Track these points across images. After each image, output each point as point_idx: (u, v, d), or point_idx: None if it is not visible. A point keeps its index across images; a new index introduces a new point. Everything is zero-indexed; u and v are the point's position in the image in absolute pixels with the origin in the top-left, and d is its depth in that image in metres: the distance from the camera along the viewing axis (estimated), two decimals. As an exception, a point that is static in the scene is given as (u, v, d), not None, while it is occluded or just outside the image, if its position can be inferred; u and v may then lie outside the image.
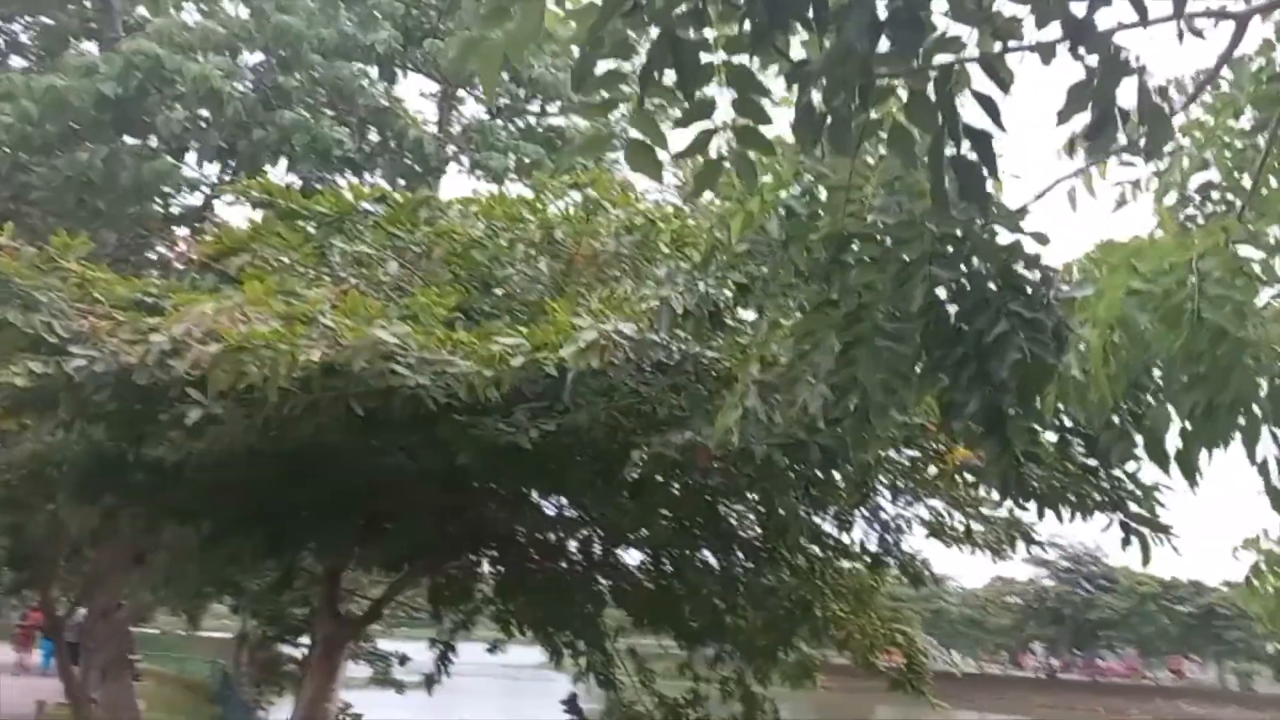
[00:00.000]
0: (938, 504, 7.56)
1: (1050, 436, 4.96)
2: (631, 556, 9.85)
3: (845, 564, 8.91)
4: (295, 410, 5.06)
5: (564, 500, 8.81)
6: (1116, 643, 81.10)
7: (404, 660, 24.11)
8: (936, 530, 7.71)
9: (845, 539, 8.38)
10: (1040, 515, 5.53)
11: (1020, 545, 7.73)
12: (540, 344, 4.91)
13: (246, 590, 19.51)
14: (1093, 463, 5.37)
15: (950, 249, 2.78)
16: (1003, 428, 2.73)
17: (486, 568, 9.62)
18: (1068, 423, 4.84)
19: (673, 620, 9.69)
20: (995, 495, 6.55)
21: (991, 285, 2.77)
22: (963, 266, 2.78)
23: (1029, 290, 2.75)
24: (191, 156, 13.12)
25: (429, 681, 9.90)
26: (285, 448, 6.55)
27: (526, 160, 13.23)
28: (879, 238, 2.88)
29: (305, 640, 34.77)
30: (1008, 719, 63.72)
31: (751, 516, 8.73)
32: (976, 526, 7.51)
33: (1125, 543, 5.39)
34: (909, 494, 7.48)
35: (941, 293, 2.77)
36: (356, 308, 4.71)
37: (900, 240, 2.82)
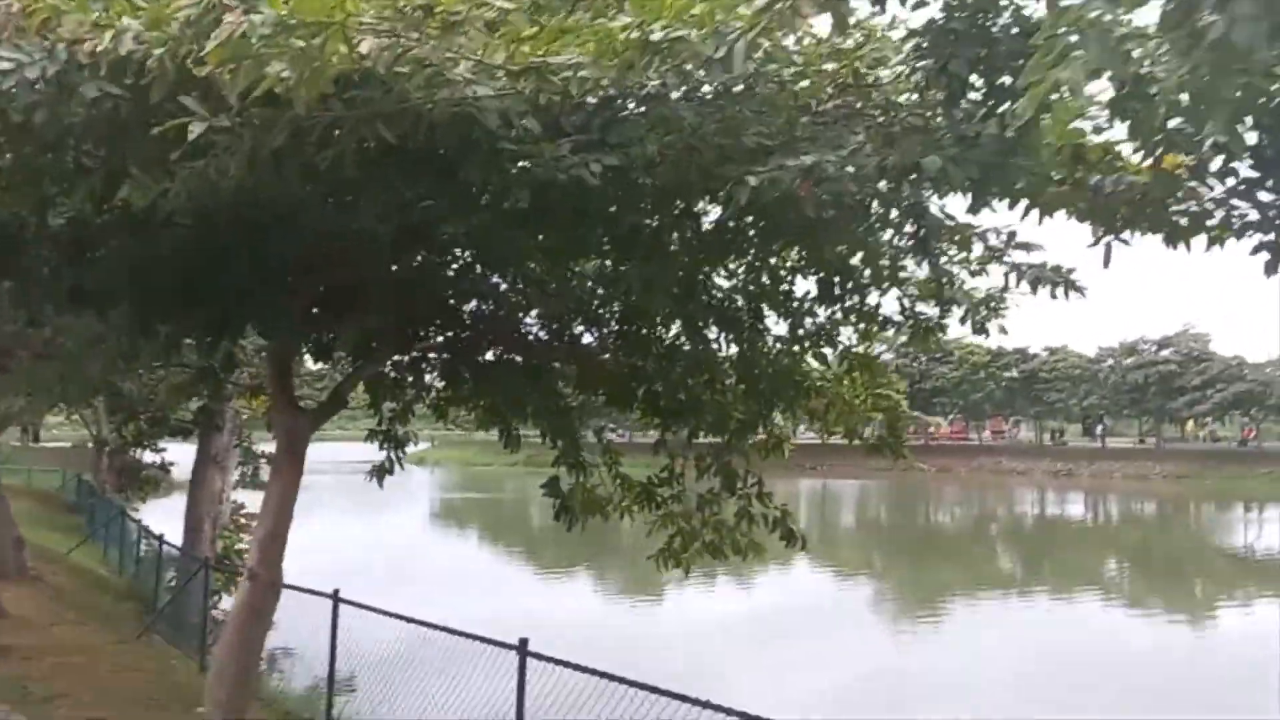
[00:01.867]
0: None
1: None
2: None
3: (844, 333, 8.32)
4: (313, 132, 3.87)
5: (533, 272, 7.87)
6: (947, 408, 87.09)
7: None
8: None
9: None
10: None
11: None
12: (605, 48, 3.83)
13: (125, 393, 17.97)
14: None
15: None
16: None
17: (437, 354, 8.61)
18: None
19: (646, 400, 9.02)
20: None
21: None
22: None
23: None
24: None
25: (380, 472, 9.01)
26: (265, 197, 5.33)
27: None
28: None
29: (166, 444, 33.50)
30: (849, 483, 68.36)
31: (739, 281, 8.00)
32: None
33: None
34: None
35: None
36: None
37: None
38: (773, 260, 7.40)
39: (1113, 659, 20.73)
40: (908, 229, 5.51)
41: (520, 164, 4.45)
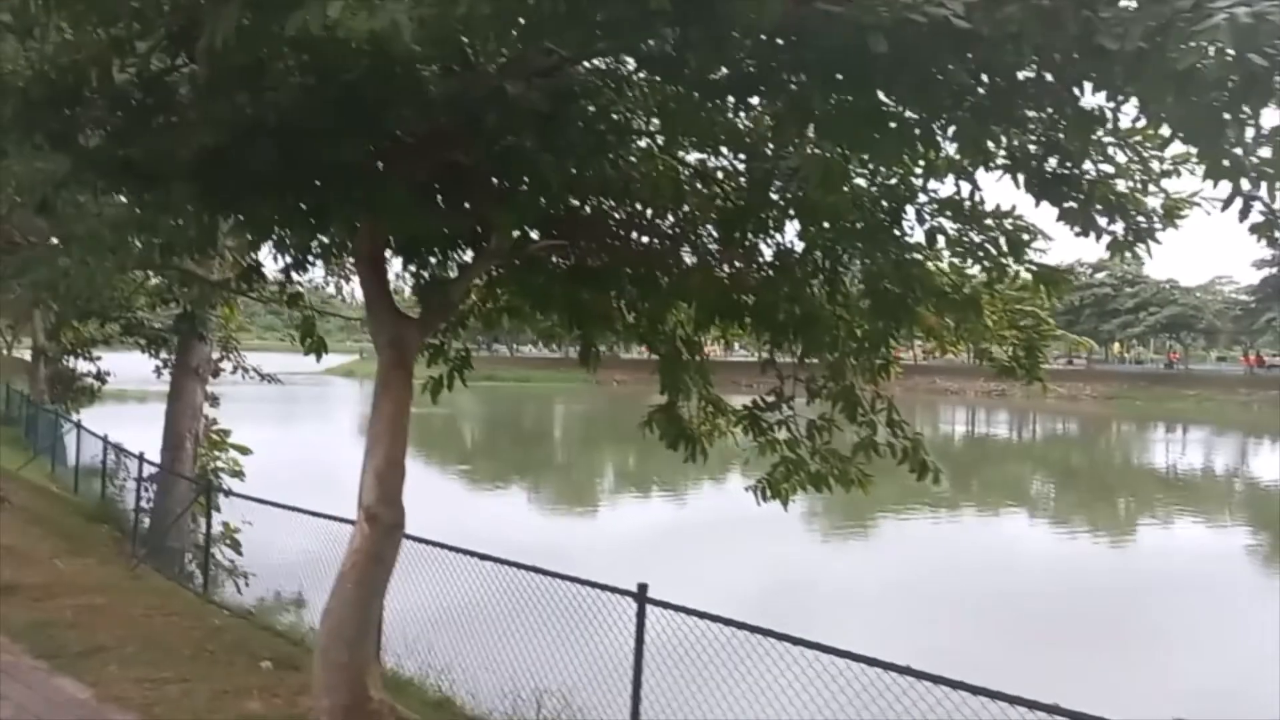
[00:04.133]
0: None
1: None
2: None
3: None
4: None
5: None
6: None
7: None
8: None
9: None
10: None
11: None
12: None
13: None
14: None
15: None
16: None
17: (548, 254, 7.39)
18: None
19: (756, 313, 7.97)
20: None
21: None
22: None
23: None
24: None
25: (436, 388, 7.92)
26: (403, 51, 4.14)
27: None
28: None
29: (101, 352, 31.53)
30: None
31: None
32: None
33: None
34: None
35: None
36: None
37: None
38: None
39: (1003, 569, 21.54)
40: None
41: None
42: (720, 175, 7.29)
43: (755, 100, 5.54)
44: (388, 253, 6.92)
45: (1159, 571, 22.55)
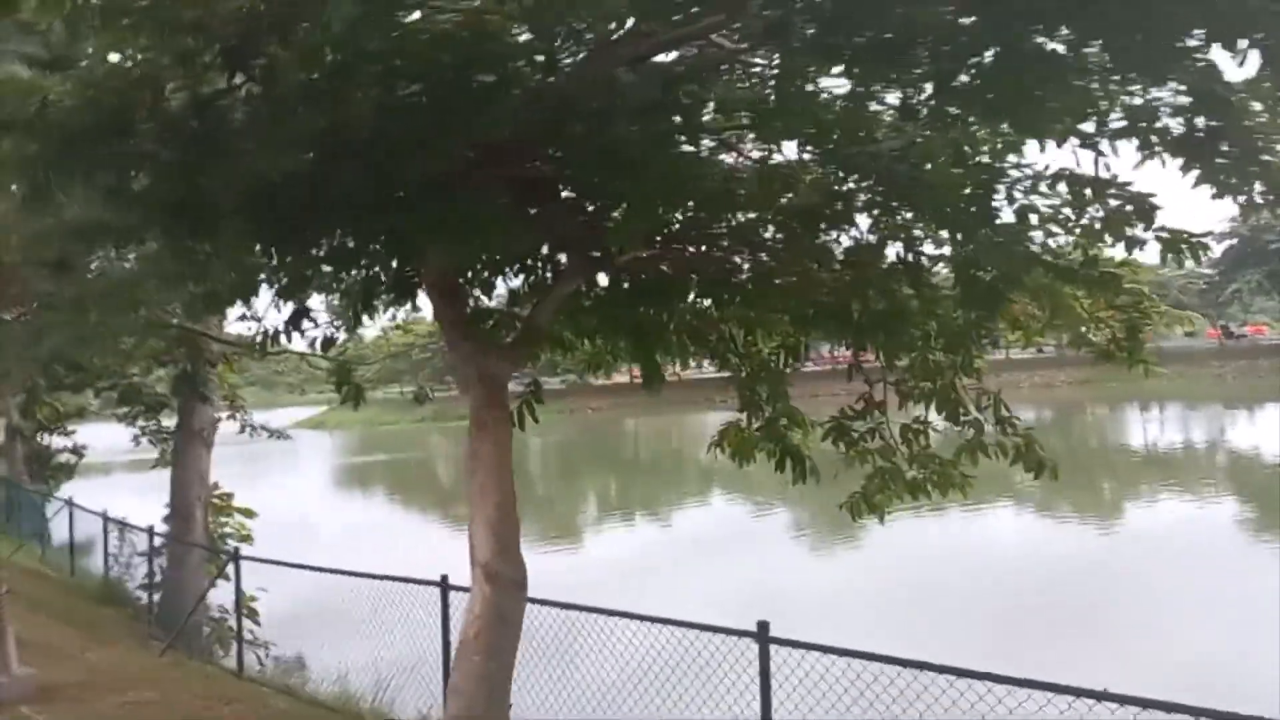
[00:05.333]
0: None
1: None
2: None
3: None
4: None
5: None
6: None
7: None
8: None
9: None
10: None
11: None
12: None
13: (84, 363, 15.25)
14: None
15: None
16: None
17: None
18: None
19: (831, 313, 7.40)
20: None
21: None
22: None
23: None
24: None
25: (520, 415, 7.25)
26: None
27: None
28: None
29: (78, 427, 30.40)
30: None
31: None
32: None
33: None
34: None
35: None
36: None
37: None
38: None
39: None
40: None
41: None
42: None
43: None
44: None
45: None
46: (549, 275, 6.15)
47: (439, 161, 4.70)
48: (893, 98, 5.16)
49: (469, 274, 6.00)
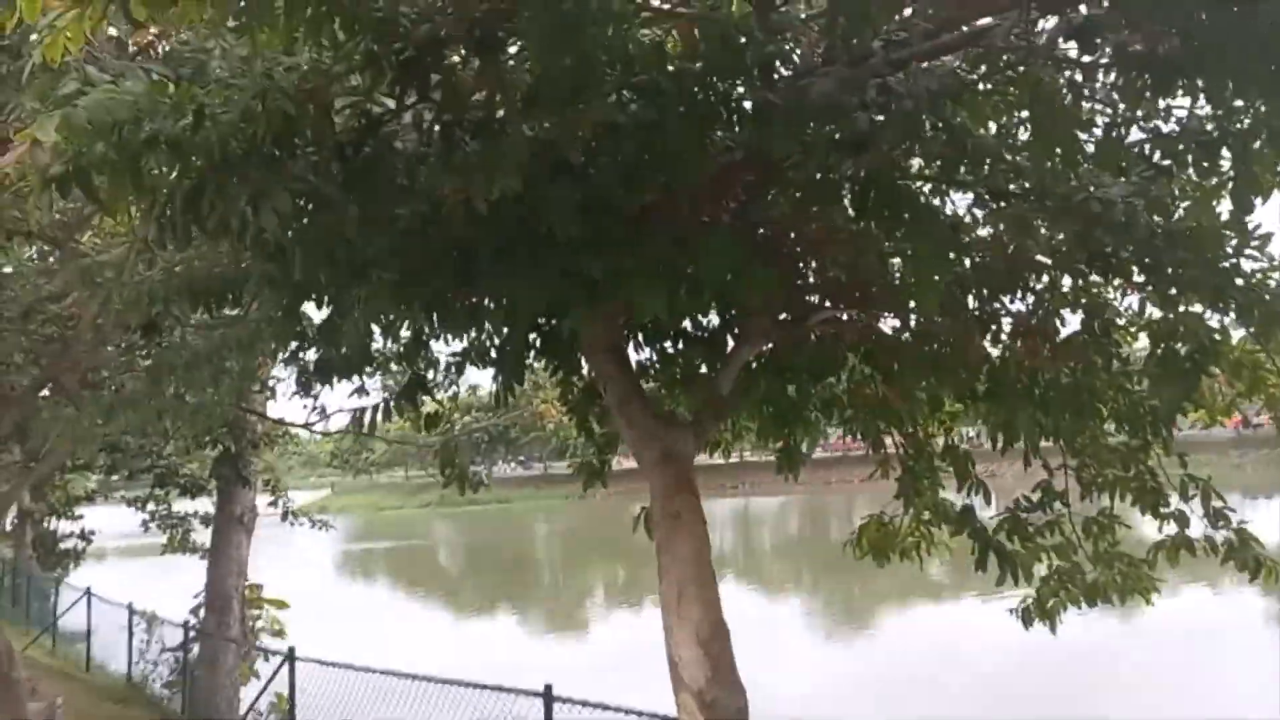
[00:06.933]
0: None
1: None
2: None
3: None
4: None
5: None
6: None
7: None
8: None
9: None
10: None
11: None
12: None
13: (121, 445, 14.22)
14: None
15: None
16: None
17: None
18: None
19: (1005, 385, 6.50)
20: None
21: None
22: None
23: None
24: None
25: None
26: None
27: None
28: None
29: (85, 511, 29.28)
30: (772, 500, 66.50)
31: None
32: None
33: None
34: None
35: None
36: None
37: None
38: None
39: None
40: None
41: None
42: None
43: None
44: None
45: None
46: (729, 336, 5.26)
47: (656, 188, 3.87)
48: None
49: (639, 334, 5.12)
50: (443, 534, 70.20)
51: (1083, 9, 3.59)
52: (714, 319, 5.39)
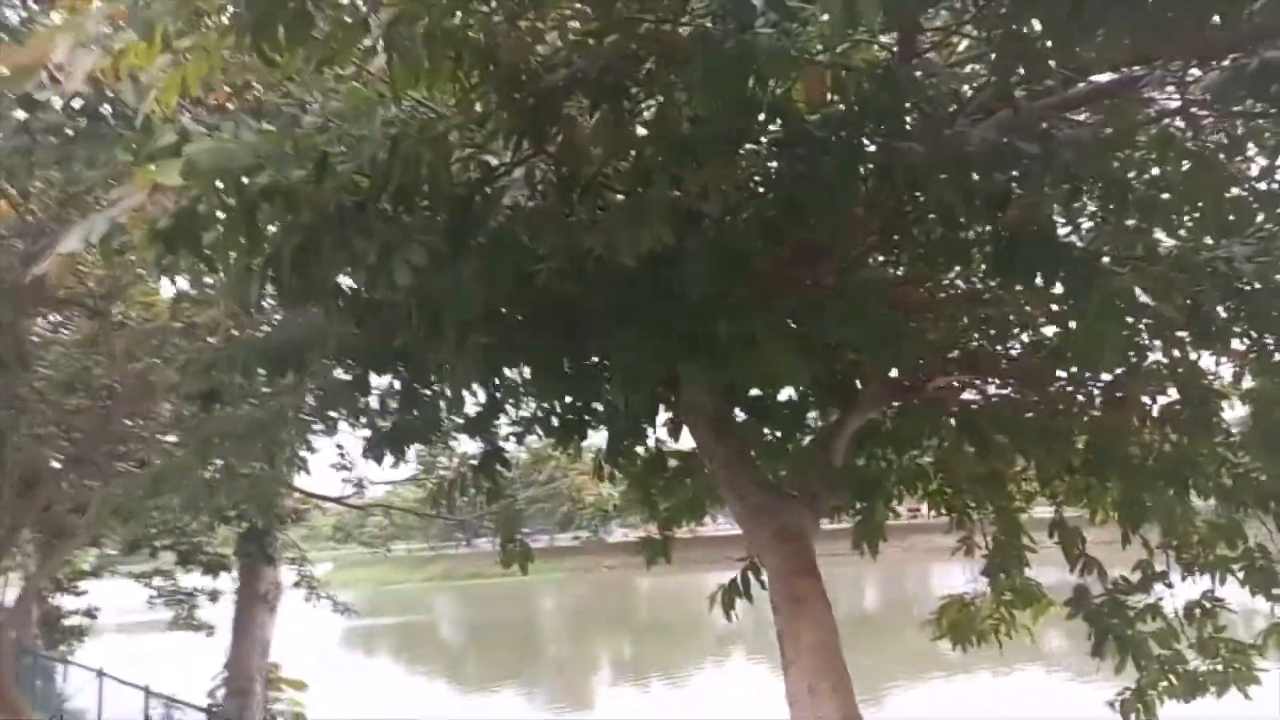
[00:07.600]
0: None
1: None
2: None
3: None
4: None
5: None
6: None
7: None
8: None
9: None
10: None
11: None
12: None
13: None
14: None
15: None
16: None
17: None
18: None
19: (1100, 459, 6.18)
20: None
21: None
22: None
23: None
24: None
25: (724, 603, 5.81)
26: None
27: None
28: None
29: (87, 586, 28.61)
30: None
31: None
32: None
33: None
34: None
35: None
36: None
37: None
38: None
39: None
40: None
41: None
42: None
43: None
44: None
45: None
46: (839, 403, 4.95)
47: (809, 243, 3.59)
48: None
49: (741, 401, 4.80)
50: (447, 609, 68.99)
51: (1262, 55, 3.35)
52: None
